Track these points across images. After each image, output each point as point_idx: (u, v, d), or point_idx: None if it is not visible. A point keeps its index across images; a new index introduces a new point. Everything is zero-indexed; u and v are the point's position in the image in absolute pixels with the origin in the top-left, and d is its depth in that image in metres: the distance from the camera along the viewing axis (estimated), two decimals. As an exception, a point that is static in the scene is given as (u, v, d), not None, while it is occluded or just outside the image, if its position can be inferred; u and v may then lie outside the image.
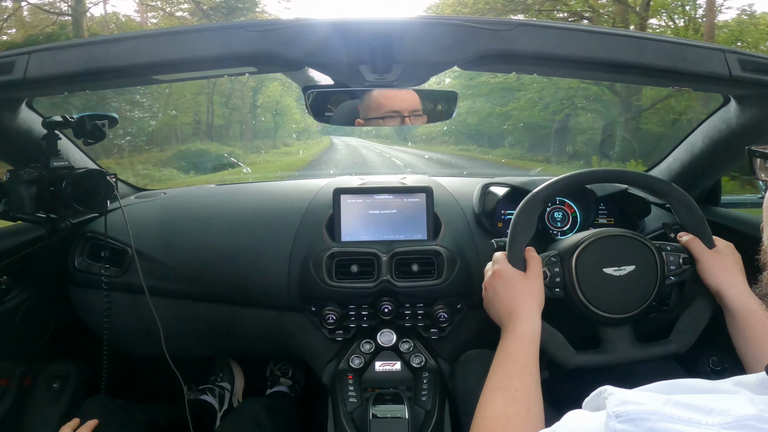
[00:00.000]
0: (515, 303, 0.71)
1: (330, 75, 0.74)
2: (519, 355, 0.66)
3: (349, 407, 0.96)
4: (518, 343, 0.68)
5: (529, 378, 0.64)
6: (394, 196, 1.04)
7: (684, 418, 0.31)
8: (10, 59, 0.63)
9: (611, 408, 0.34)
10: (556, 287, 0.77)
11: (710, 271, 0.74)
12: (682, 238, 0.80)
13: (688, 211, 0.80)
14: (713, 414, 0.31)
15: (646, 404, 0.33)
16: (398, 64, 0.64)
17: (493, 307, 0.75)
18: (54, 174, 0.86)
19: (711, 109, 0.94)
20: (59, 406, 1.11)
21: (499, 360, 0.67)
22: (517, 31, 0.62)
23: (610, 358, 0.76)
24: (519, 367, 0.65)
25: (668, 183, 0.81)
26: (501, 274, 0.74)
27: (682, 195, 0.80)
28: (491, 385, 0.64)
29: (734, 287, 0.72)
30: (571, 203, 1.10)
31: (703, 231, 0.78)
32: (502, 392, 0.62)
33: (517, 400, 0.61)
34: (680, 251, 0.79)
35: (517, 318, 0.70)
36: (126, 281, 1.06)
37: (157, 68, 0.65)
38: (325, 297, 0.99)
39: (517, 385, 0.63)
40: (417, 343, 1.04)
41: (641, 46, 0.63)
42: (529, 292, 0.72)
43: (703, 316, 0.78)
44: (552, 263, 0.78)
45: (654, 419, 0.32)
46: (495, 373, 0.66)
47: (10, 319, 0.97)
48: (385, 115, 0.89)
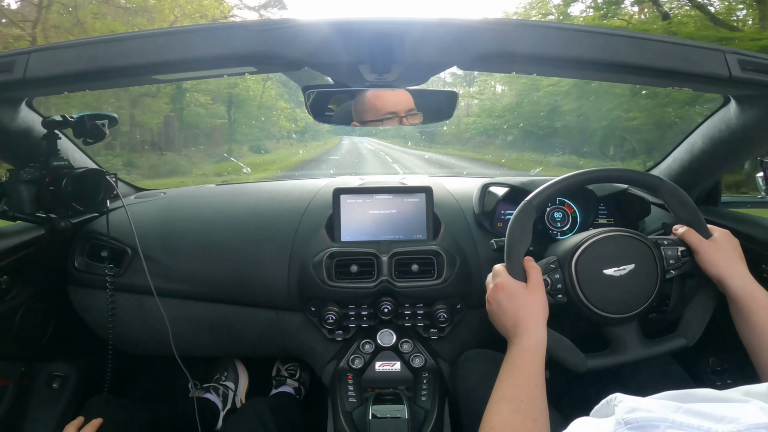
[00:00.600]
0: (520, 315, 0.71)
1: (330, 75, 0.74)
2: (525, 366, 0.67)
3: (348, 407, 0.96)
4: (524, 354, 0.68)
5: (535, 389, 0.64)
6: (393, 196, 1.04)
7: (694, 425, 0.31)
8: (10, 59, 0.63)
9: (620, 415, 0.34)
10: (558, 294, 0.77)
11: (710, 261, 0.74)
12: (678, 231, 0.79)
13: (680, 203, 0.80)
14: (724, 422, 0.31)
15: (655, 411, 0.33)
16: (398, 64, 0.64)
17: (498, 319, 0.75)
18: (54, 173, 0.86)
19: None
20: (59, 406, 1.11)
21: (506, 371, 0.67)
22: (517, 31, 0.62)
23: (621, 358, 0.76)
24: (525, 378, 0.65)
25: (658, 177, 0.81)
26: (503, 287, 0.74)
27: (674, 188, 0.80)
28: (498, 395, 0.65)
29: (736, 275, 0.72)
30: (571, 203, 1.10)
31: (698, 221, 0.78)
32: (508, 403, 0.63)
33: (523, 411, 0.61)
34: (677, 244, 0.79)
35: (523, 329, 0.70)
36: (125, 281, 1.06)
37: (157, 68, 0.65)
38: (324, 297, 0.99)
39: (523, 396, 0.63)
40: (417, 343, 1.04)
41: (641, 47, 0.63)
42: (532, 302, 0.73)
43: (707, 307, 0.77)
44: (552, 270, 0.78)
45: (663, 426, 0.31)
46: (501, 383, 0.66)
47: (9, 319, 0.97)
48: (383, 117, 0.89)
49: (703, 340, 0.77)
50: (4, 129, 0.85)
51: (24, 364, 1.09)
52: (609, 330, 0.77)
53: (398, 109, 0.89)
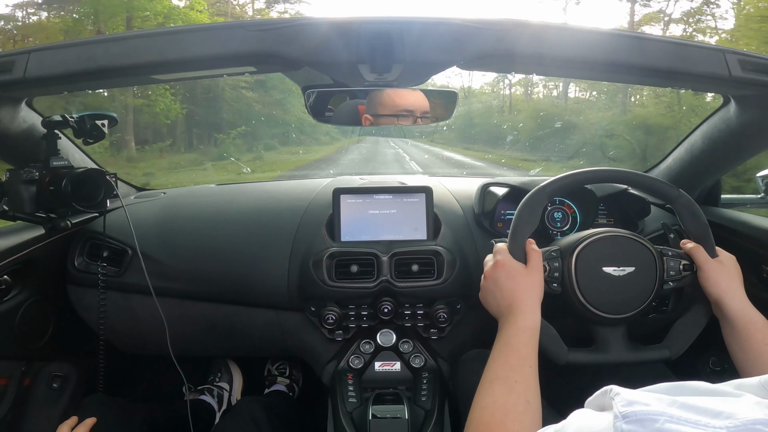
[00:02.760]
0: (517, 294, 0.71)
1: (330, 74, 0.74)
2: (520, 347, 0.66)
3: (348, 407, 0.96)
4: (520, 334, 0.67)
5: (529, 370, 0.64)
6: (393, 196, 1.04)
7: (691, 420, 0.31)
8: (9, 58, 0.63)
9: (618, 408, 0.34)
10: (554, 282, 0.77)
11: (712, 280, 0.74)
12: (686, 246, 0.79)
13: (693, 217, 0.79)
14: (721, 417, 0.31)
15: (653, 405, 0.33)
16: (398, 63, 0.64)
17: (493, 297, 0.74)
18: (54, 173, 0.86)
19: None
20: (59, 406, 1.11)
21: (499, 350, 0.67)
22: (517, 31, 0.62)
23: (602, 357, 0.76)
24: (519, 359, 0.65)
25: (676, 188, 0.80)
26: (503, 264, 0.74)
27: (689, 201, 0.79)
28: (490, 375, 0.64)
29: (736, 297, 0.72)
30: (570, 203, 1.10)
31: (707, 239, 0.78)
32: (501, 383, 0.62)
33: (516, 391, 0.61)
34: (681, 257, 0.78)
35: (519, 310, 0.70)
36: (125, 281, 1.06)
37: (157, 68, 0.65)
38: (324, 297, 0.99)
39: (517, 377, 0.62)
40: (417, 343, 1.04)
41: (641, 47, 0.63)
42: (530, 284, 0.72)
43: (698, 323, 0.78)
44: (552, 258, 0.78)
45: (662, 420, 0.31)
46: (494, 363, 0.65)
47: (9, 318, 0.97)
48: (399, 114, 0.88)
49: (704, 340, 0.77)
50: (4, 129, 0.85)
51: (24, 363, 1.09)
52: (596, 329, 0.77)
53: (415, 107, 0.88)
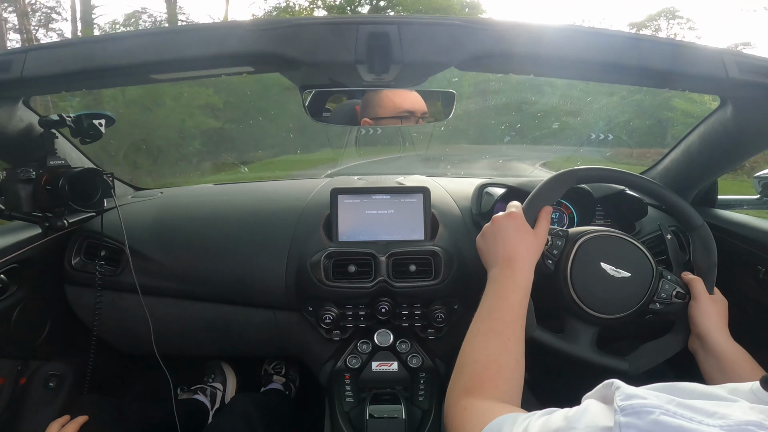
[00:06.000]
0: (520, 250, 0.71)
1: (328, 75, 0.74)
2: (515, 304, 0.66)
3: (346, 407, 0.96)
4: (517, 291, 0.67)
5: (520, 330, 0.64)
6: (391, 197, 1.04)
7: (686, 416, 0.33)
8: (6, 58, 0.63)
9: (617, 402, 0.35)
10: (549, 258, 0.78)
11: (705, 313, 0.76)
12: (687, 276, 0.81)
13: (706, 252, 0.80)
14: (715, 417, 0.32)
15: (650, 399, 0.34)
16: (396, 64, 0.64)
17: (493, 243, 0.74)
18: (51, 173, 0.86)
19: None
20: (55, 405, 1.11)
21: (495, 304, 0.66)
22: (515, 32, 0.62)
23: (566, 347, 0.77)
24: (513, 317, 0.65)
25: (701, 219, 0.81)
26: (515, 216, 0.74)
27: (708, 235, 0.80)
28: (485, 327, 0.64)
29: (723, 334, 0.74)
30: (568, 204, 1.10)
31: (711, 275, 0.79)
32: (496, 338, 0.62)
33: (509, 349, 0.61)
34: (678, 285, 0.80)
35: (518, 266, 0.70)
36: (122, 280, 1.05)
37: (155, 67, 0.65)
38: (322, 297, 0.99)
39: (510, 334, 0.62)
40: (414, 343, 1.04)
41: (638, 48, 0.63)
42: (532, 245, 0.73)
43: (668, 350, 0.79)
44: (558, 236, 0.79)
45: (657, 412, 0.33)
46: (490, 316, 0.65)
47: (6, 317, 0.96)
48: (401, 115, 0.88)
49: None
50: (1, 128, 0.85)
51: (20, 363, 1.09)
52: (569, 319, 0.78)
53: (415, 108, 0.87)
